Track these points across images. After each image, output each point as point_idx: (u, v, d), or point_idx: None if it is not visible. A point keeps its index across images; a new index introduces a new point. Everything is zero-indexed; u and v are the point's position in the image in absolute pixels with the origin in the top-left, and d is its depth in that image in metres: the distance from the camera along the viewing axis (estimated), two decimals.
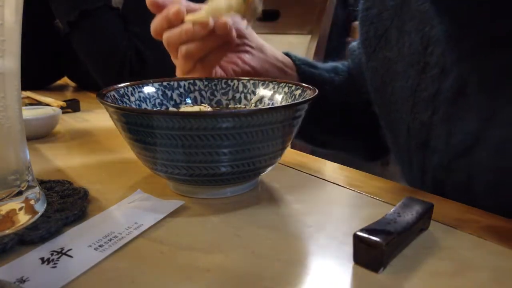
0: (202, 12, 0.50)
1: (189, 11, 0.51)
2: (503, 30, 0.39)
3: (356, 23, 0.62)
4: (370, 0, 0.57)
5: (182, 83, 0.50)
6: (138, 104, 0.47)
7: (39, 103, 0.82)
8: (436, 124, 0.47)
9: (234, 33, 0.53)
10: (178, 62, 0.53)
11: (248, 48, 0.58)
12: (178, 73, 0.54)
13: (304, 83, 0.63)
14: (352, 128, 0.69)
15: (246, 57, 0.58)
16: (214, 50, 0.53)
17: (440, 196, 0.43)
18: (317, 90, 0.42)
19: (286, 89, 0.47)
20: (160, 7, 0.51)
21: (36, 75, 1.01)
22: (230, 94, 0.51)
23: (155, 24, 0.52)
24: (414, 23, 0.49)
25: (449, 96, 0.45)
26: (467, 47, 0.43)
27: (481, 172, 0.42)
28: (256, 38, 0.60)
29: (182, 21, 0.50)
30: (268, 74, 0.59)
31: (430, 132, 0.47)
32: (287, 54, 0.64)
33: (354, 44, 0.68)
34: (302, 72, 0.63)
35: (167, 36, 0.51)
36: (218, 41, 0.52)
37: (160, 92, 0.49)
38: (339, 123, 0.68)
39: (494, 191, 0.42)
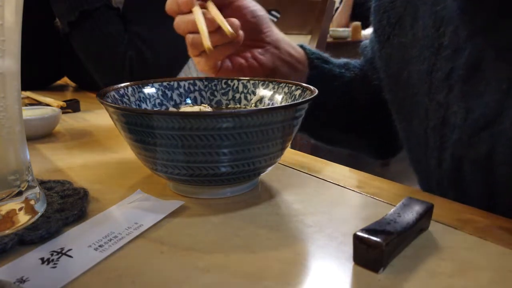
0: (211, 9, 0.51)
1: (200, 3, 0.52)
2: None
3: None
4: None
5: (182, 83, 0.50)
6: (138, 104, 0.47)
7: (39, 103, 0.82)
8: (452, 103, 0.47)
9: (241, 36, 0.53)
10: (187, 46, 0.55)
11: (263, 44, 0.59)
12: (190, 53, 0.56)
13: (314, 78, 0.63)
14: (357, 126, 0.69)
15: (258, 52, 0.58)
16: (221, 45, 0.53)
17: (457, 173, 0.43)
18: (316, 91, 0.42)
19: (286, 89, 0.47)
20: None
21: (36, 75, 1.01)
22: (230, 94, 0.51)
23: (169, 3, 0.54)
24: (427, 7, 0.50)
25: (463, 73, 0.46)
26: (480, 22, 0.43)
27: (504, 142, 0.42)
28: (274, 32, 0.60)
29: (190, 10, 0.52)
30: (278, 70, 0.60)
31: (447, 111, 0.48)
32: (302, 47, 0.65)
33: (365, 41, 0.70)
34: (314, 66, 0.63)
35: (177, 22, 0.53)
36: (223, 39, 0.52)
37: (160, 92, 0.49)
38: (345, 120, 0.68)
39: None
